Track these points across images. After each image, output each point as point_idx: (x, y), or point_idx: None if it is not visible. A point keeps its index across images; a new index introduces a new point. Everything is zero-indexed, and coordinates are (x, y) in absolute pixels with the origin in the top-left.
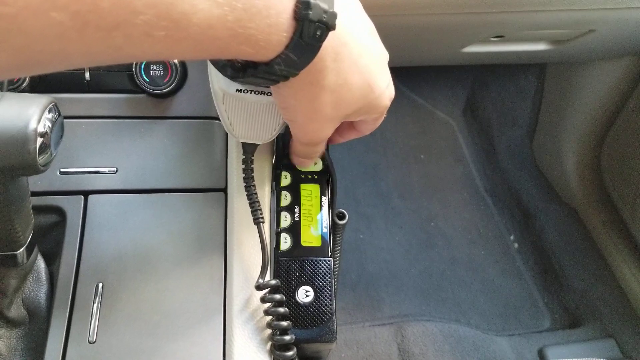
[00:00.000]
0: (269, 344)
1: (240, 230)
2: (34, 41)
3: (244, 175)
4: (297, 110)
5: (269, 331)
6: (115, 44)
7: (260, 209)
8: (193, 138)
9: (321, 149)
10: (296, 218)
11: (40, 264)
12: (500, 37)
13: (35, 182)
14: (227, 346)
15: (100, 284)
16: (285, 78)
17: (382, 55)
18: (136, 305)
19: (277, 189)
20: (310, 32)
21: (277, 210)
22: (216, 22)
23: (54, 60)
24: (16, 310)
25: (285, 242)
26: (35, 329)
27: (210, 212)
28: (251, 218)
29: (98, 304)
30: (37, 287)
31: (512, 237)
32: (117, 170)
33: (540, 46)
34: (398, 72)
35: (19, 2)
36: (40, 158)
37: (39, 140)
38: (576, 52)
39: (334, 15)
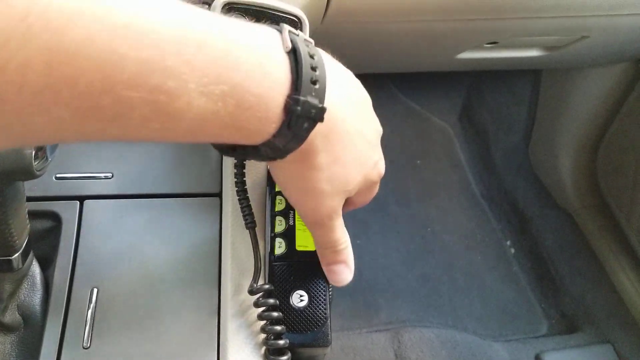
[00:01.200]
0: (263, 348)
1: (234, 235)
2: (31, 131)
3: (235, 179)
4: (290, 187)
5: (263, 336)
6: (110, 133)
7: (252, 214)
8: (188, 143)
9: (337, 235)
10: (291, 223)
11: (36, 269)
12: (494, 44)
13: (31, 188)
14: (221, 351)
15: (95, 289)
16: (273, 159)
17: (373, 136)
18: (131, 310)
19: (272, 194)
20: (297, 124)
21: (272, 214)
22: (209, 116)
23: (46, 141)
24: (10, 316)
25: (280, 246)
26: (29, 334)
27: (205, 217)
28: None
29: (93, 309)
30: (32, 293)
31: (508, 243)
32: (112, 176)
33: (534, 52)
34: (394, 78)
35: (23, 97)
36: (36, 163)
37: (35, 146)
38: (570, 59)
39: (322, 110)
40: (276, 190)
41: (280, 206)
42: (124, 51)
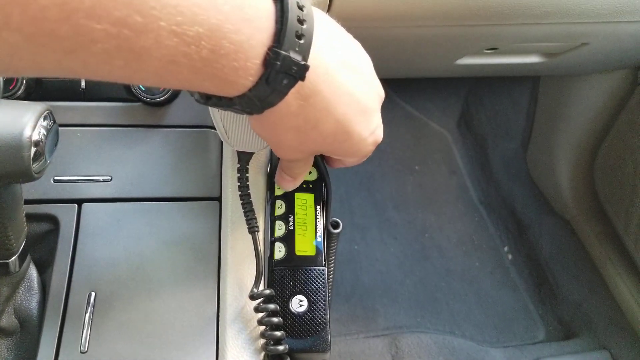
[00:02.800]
0: (263, 353)
1: (234, 239)
2: None
3: (239, 183)
4: (265, 136)
5: (262, 341)
6: (69, 67)
7: (255, 218)
8: (188, 147)
9: (301, 168)
10: (290, 227)
11: (33, 272)
12: (494, 50)
13: (28, 190)
14: (220, 356)
15: (93, 293)
16: (249, 113)
17: (369, 101)
18: (129, 314)
19: (271, 198)
20: (277, 79)
21: (272, 219)
22: (180, 59)
23: (2, 73)
24: (7, 320)
25: (280, 251)
26: (26, 338)
27: (205, 221)
28: (245, 227)
29: (90, 313)
30: (28, 296)
31: (506, 249)
32: (111, 179)
33: (534, 59)
34: (393, 83)
35: None
36: (34, 165)
37: (34, 148)
38: (569, 65)
39: (304, 68)
40: (276, 194)
41: (279, 210)
42: None
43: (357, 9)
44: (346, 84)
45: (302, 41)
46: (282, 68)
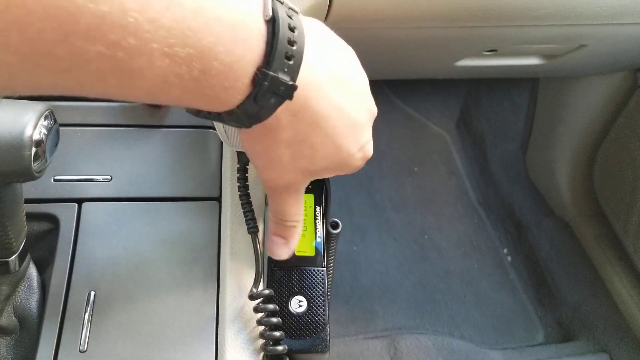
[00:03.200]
0: (262, 354)
1: (233, 239)
2: None
3: (238, 184)
4: (255, 155)
5: (261, 341)
6: (64, 85)
7: (254, 219)
8: (188, 147)
9: (290, 210)
10: None
11: (32, 271)
12: (494, 51)
13: (29, 189)
14: (219, 356)
15: (93, 293)
16: (238, 127)
17: (359, 116)
18: (128, 314)
19: None
20: (264, 98)
21: None
22: (172, 78)
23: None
24: (7, 319)
25: None
26: (25, 337)
27: (204, 221)
28: (245, 227)
29: (90, 312)
30: (28, 295)
31: (505, 250)
32: (111, 178)
33: (533, 61)
34: (392, 84)
35: None
36: (35, 165)
37: (34, 147)
38: (568, 67)
39: (293, 88)
40: None
41: None
42: (80, 2)
43: (357, 10)
44: (336, 99)
45: (291, 62)
46: (270, 88)
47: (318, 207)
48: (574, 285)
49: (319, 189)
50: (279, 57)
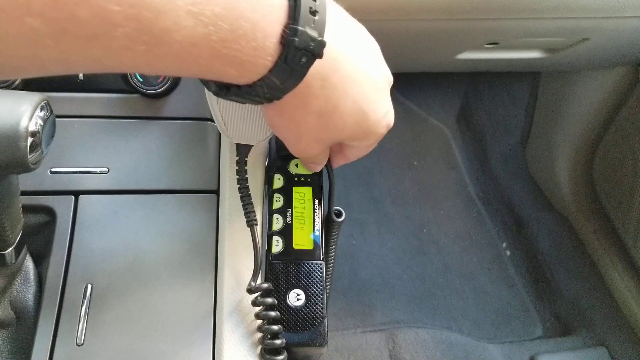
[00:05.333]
0: (259, 347)
1: (231, 232)
2: (6, 46)
3: (237, 176)
4: (285, 130)
5: (259, 335)
6: (93, 55)
7: (254, 211)
8: (186, 139)
9: (321, 159)
10: (288, 221)
11: (29, 264)
12: (495, 44)
13: (25, 182)
14: (216, 349)
15: (90, 286)
16: (269, 100)
17: (382, 82)
18: (125, 307)
19: (269, 191)
20: (295, 58)
21: (270, 212)
22: (200, 40)
23: (28, 66)
24: (3, 311)
25: (277, 244)
26: (22, 330)
27: (202, 214)
28: (243, 220)
29: (87, 305)
30: (25, 288)
31: (504, 245)
32: (108, 171)
33: (535, 54)
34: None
35: None
36: (31, 156)
37: (30, 138)
38: (570, 61)
39: (321, 44)
40: (274, 188)
41: (277, 204)
42: None
43: (357, 2)
44: (361, 63)
45: (316, 17)
46: (301, 44)
47: (317, 201)
48: (572, 280)
49: (317, 182)
50: (304, 11)
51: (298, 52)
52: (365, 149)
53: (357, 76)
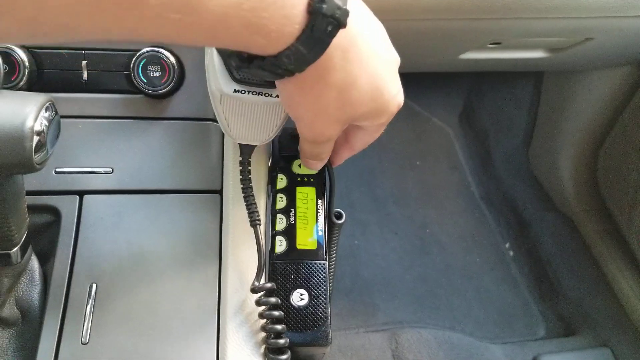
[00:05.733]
0: (263, 347)
1: (235, 232)
2: (43, 12)
3: (241, 176)
4: (303, 108)
5: (263, 334)
6: (127, 24)
7: (257, 211)
8: (189, 139)
9: (328, 149)
10: (292, 221)
11: (34, 263)
12: (498, 44)
13: (30, 182)
14: (220, 349)
15: (94, 285)
16: (291, 73)
17: (392, 61)
18: (130, 306)
19: (272, 192)
20: (322, 26)
21: (273, 212)
22: (231, 9)
23: (61, 33)
24: (9, 310)
25: (281, 244)
26: (27, 329)
27: (206, 214)
28: (246, 220)
29: (92, 304)
30: (30, 287)
31: (507, 245)
32: (112, 171)
33: (538, 54)
34: None
35: None
36: (36, 156)
37: (35, 138)
38: (573, 61)
39: (346, 13)
40: (277, 188)
41: (281, 204)
42: None
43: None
44: (376, 40)
45: None
46: (328, 11)
47: (320, 201)
48: (575, 280)
49: (320, 182)
50: None
51: (325, 19)
52: (375, 131)
53: (372, 53)
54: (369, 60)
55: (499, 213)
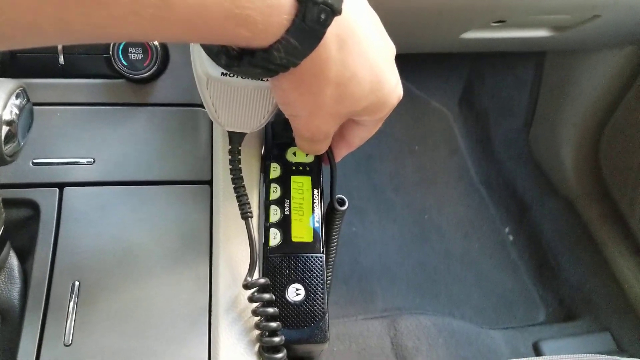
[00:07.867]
0: (257, 345)
1: (226, 225)
2: (3, 12)
3: (230, 166)
4: (300, 105)
5: (257, 332)
6: (96, 23)
7: (248, 203)
8: (176, 126)
9: (326, 144)
10: (286, 212)
11: (13, 261)
12: (502, 22)
13: (6, 174)
14: (212, 348)
15: (77, 283)
16: (285, 68)
17: (389, 50)
18: (115, 305)
19: (266, 181)
20: (313, 14)
21: (266, 203)
22: (211, 1)
23: (26, 35)
24: None
25: (275, 237)
26: (7, 330)
27: (195, 206)
28: (238, 212)
29: (74, 303)
30: (9, 286)
31: (507, 230)
32: (94, 161)
33: (543, 33)
34: None
35: None
36: (6, 148)
37: (5, 129)
38: (579, 40)
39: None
40: (270, 177)
41: (275, 195)
42: None
43: None
44: (374, 29)
45: None
46: None
47: (316, 191)
48: (576, 265)
49: (316, 171)
50: None
51: (316, 7)
52: (373, 126)
53: (370, 42)
54: (368, 51)
55: (499, 197)
